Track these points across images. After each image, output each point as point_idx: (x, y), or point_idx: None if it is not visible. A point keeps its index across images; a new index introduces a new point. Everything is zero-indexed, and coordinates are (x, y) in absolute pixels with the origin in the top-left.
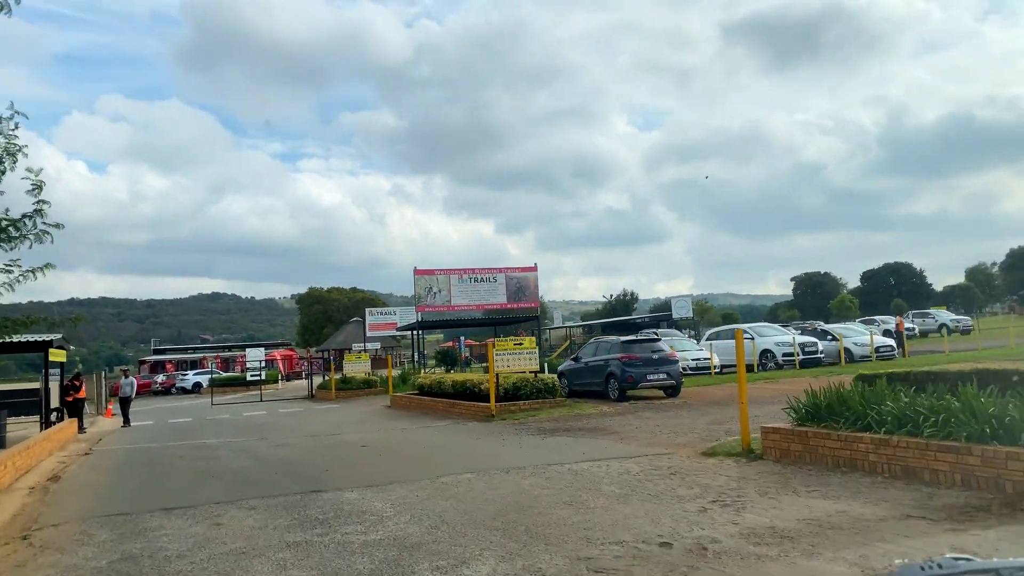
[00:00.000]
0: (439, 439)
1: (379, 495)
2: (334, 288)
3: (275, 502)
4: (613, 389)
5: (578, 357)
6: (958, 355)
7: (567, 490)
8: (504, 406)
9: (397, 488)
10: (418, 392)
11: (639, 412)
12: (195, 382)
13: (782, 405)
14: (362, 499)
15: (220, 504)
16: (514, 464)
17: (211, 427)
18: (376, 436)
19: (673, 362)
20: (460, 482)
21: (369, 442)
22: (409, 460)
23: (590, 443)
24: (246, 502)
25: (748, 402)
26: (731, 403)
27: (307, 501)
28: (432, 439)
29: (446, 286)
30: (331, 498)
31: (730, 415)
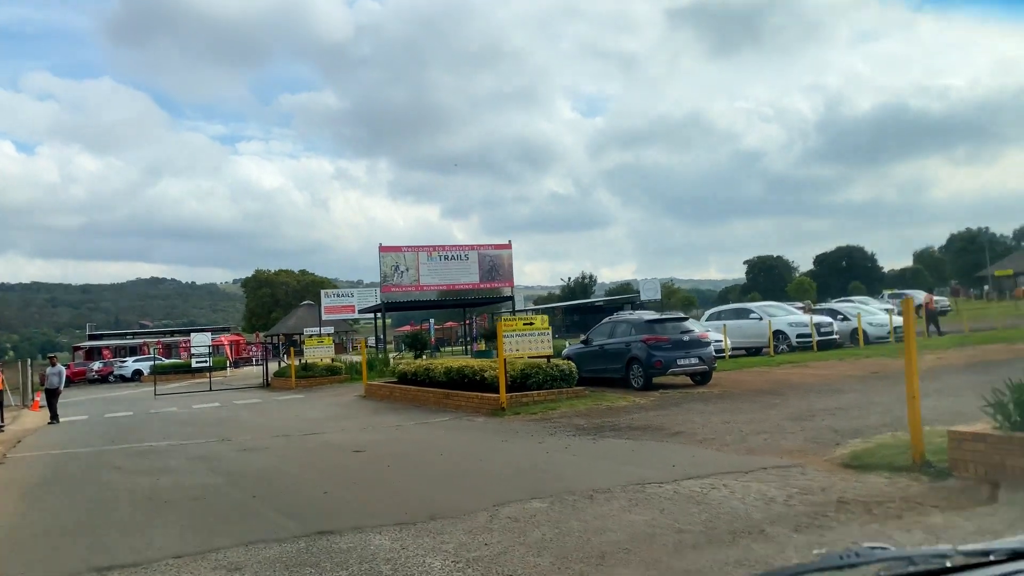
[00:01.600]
0: (453, 441)
1: (424, 540)
2: (282, 270)
3: (269, 554)
4: (636, 376)
5: (588, 339)
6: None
7: (712, 532)
8: (515, 397)
9: (447, 528)
10: (398, 380)
11: (683, 404)
12: (135, 369)
13: (843, 396)
14: (402, 548)
15: (184, 560)
16: (589, 484)
17: (157, 424)
18: (368, 437)
19: (705, 344)
20: (535, 516)
21: (363, 445)
22: (436, 476)
23: (665, 449)
24: (223, 555)
25: (787, 391)
26: (779, 391)
27: (317, 552)
28: (443, 441)
29: (414, 264)
30: (352, 546)
31: (803, 408)
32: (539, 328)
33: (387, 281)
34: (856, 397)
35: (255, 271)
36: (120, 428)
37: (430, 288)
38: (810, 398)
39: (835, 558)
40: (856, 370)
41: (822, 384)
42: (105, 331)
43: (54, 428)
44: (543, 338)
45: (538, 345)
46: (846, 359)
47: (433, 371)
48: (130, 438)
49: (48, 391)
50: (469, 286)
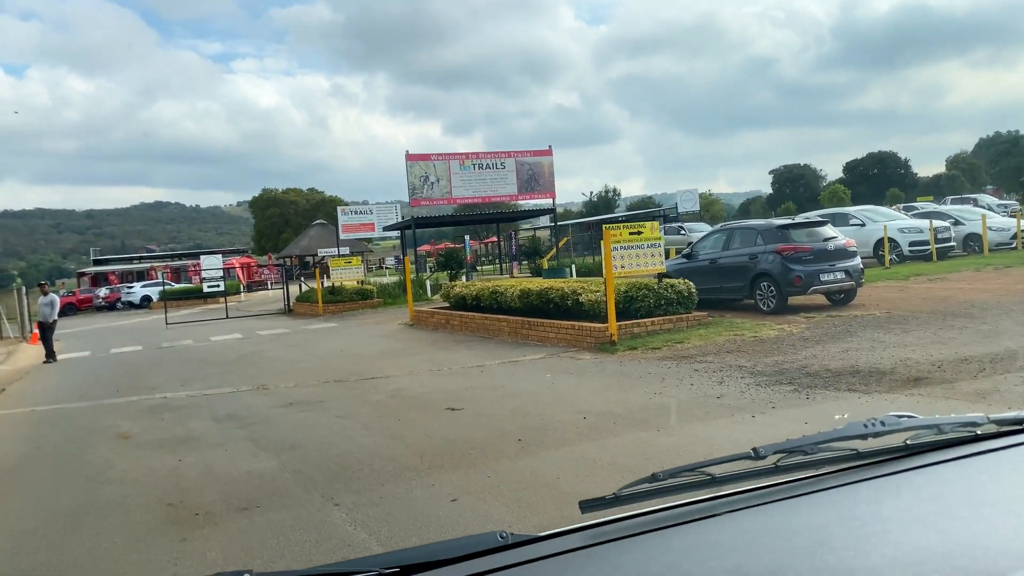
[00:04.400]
0: (579, 393)
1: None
2: (291, 189)
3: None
4: (766, 297)
5: (692, 252)
6: None
7: None
8: (623, 327)
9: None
10: (453, 306)
11: (852, 331)
12: (143, 295)
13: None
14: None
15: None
16: None
17: (171, 362)
18: (449, 383)
19: (851, 255)
20: None
21: (452, 397)
22: (628, 467)
23: (944, 406)
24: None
25: (968, 312)
26: (957, 312)
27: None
28: (566, 392)
29: (445, 174)
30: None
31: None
32: (648, 238)
33: (416, 194)
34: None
35: (262, 190)
36: (127, 369)
37: (463, 201)
38: (1013, 320)
39: (859, 427)
40: (1021, 283)
41: (1003, 302)
42: (112, 255)
43: (49, 369)
44: (654, 251)
45: (648, 260)
46: (986, 269)
47: (503, 295)
48: (139, 385)
49: (41, 325)
50: (506, 198)
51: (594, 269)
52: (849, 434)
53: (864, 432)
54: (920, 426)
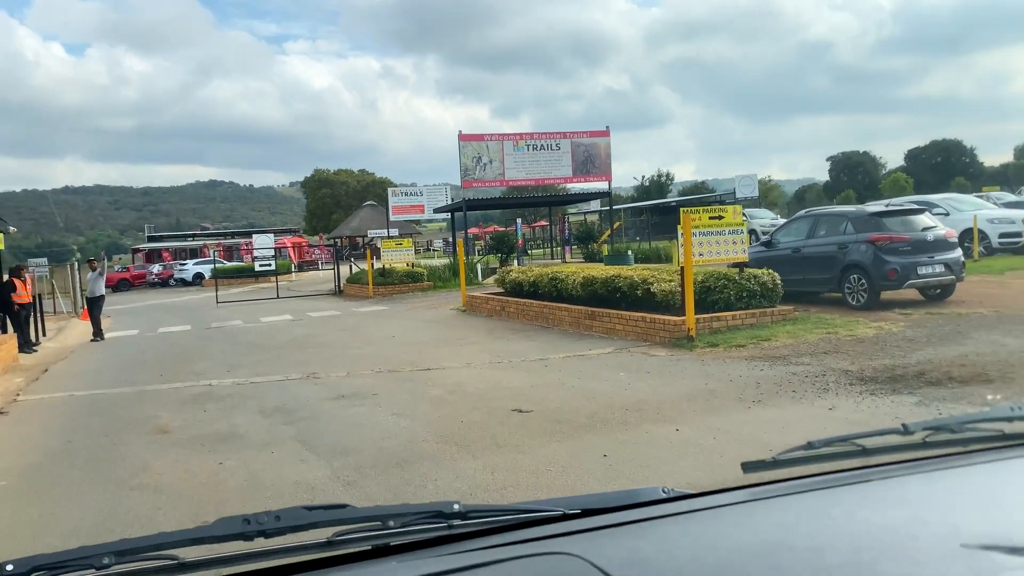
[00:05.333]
0: (661, 396)
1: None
2: (342, 170)
3: None
4: (857, 290)
5: (772, 240)
6: None
7: None
8: (701, 321)
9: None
10: (508, 292)
11: (960, 331)
12: (196, 272)
13: None
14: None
15: None
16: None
17: (219, 344)
18: (512, 378)
19: (952, 246)
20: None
21: (518, 395)
22: None
23: None
24: None
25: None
26: None
27: None
28: (646, 395)
29: (498, 155)
30: None
31: None
32: (730, 223)
33: (468, 175)
34: None
35: (314, 171)
36: (174, 351)
37: (516, 183)
38: None
39: (1006, 409)
40: None
41: None
42: (165, 232)
43: (95, 348)
44: (736, 238)
45: (729, 248)
46: None
47: (564, 282)
48: (183, 370)
49: (89, 300)
50: (561, 180)
51: (651, 255)
52: (996, 416)
53: (1011, 415)
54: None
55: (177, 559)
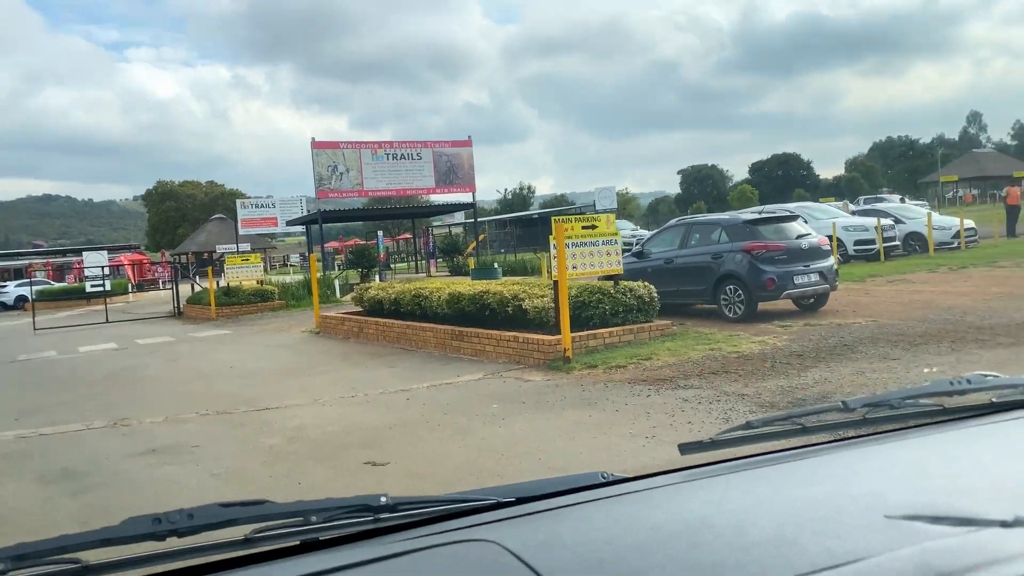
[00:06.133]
0: (549, 434)
1: None
2: (188, 182)
3: None
4: (734, 302)
5: (644, 251)
6: None
7: None
8: (577, 340)
9: None
10: (368, 311)
11: (856, 346)
12: (18, 296)
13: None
14: None
15: None
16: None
17: (18, 382)
18: (367, 416)
19: (826, 254)
20: None
21: (372, 438)
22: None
23: None
24: None
25: (968, 320)
26: (958, 321)
27: None
28: (529, 431)
29: (355, 164)
30: None
31: None
32: (604, 233)
33: (323, 185)
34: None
35: (157, 183)
36: None
37: (375, 194)
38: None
39: (945, 384)
40: (994, 285)
41: (993, 308)
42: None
43: None
44: (610, 248)
45: (603, 259)
46: (940, 270)
47: (429, 299)
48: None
49: None
50: (424, 191)
51: (517, 268)
52: (936, 390)
53: (950, 389)
54: (1007, 385)
55: (80, 562)
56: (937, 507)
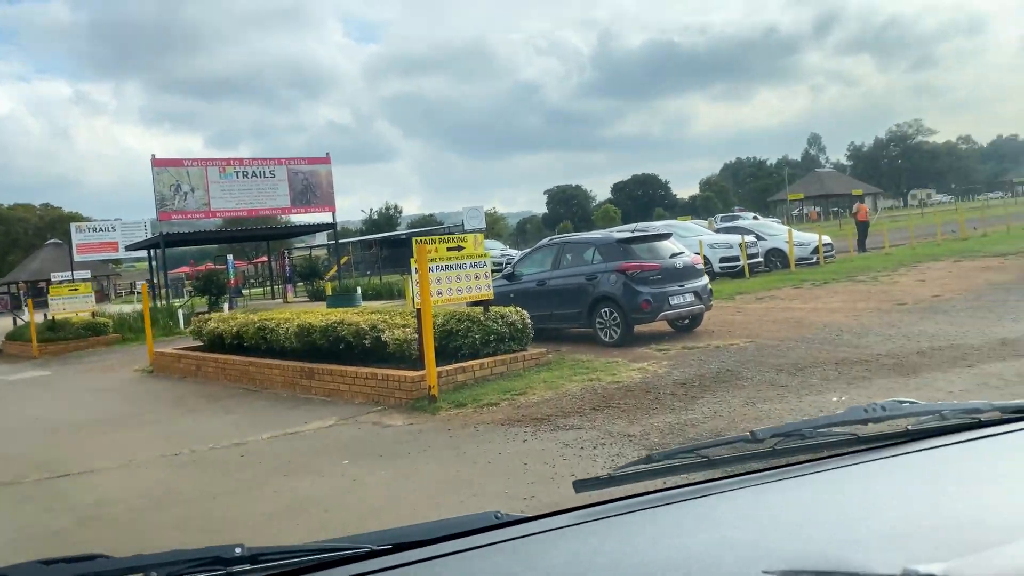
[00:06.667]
0: (410, 498)
1: None
2: (19, 204)
3: None
4: (610, 325)
5: (515, 273)
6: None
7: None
8: (444, 374)
9: None
10: (209, 347)
11: (740, 371)
12: None
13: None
14: None
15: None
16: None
17: None
18: (188, 485)
19: (700, 273)
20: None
21: (196, 520)
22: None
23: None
24: None
25: (850, 340)
26: (819, 338)
27: None
28: (386, 497)
29: (201, 183)
30: None
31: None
32: (472, 255)
33: (166, 206)
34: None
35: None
36: None
37: (226, 214)
38: (902, 348)
39: (860, 411)
40: (860, 300)
41: (868, 325)
42: None
43: None
44: (479, 271)
45: (472, 283)
46: (804, 285)
47: (275, 332)
48: None
49: None
50: (279, 210)
51: (383, 291)
52: (849, 419)
53: (865, 417)
54: (923, 412)
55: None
56: (823, 560)
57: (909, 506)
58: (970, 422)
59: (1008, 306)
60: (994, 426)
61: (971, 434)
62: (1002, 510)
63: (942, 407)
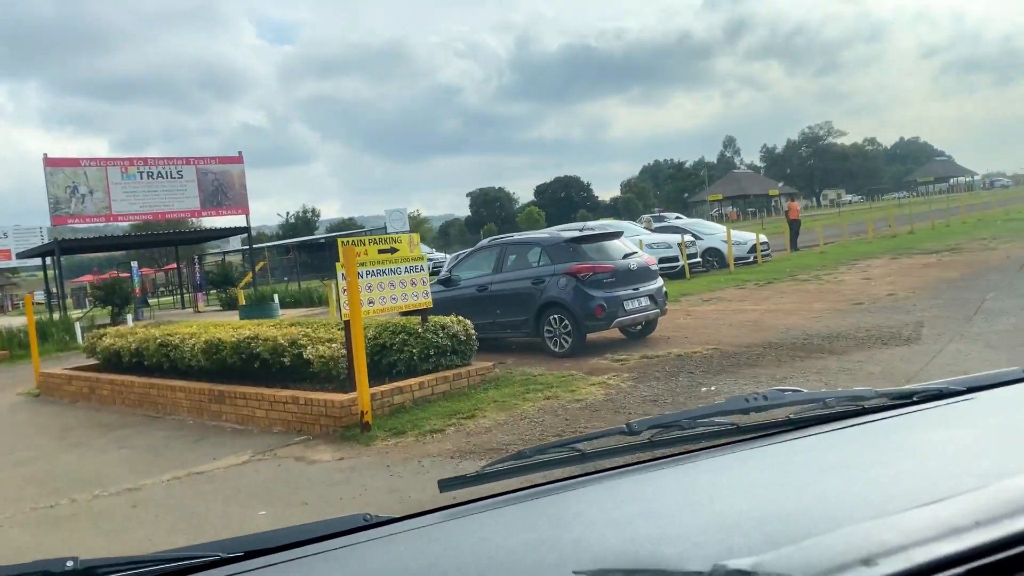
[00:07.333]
0: None
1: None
2: None
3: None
4: (560, 334)
5: (452, 278)
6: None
7: None
8: (379, 396)
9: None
10: (105, 365)
11: (709, 382)
12: None
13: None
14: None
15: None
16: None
17: None
18: (61, 544)
19: (654, 275)
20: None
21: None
22: None
23: None
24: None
25: (815, 346)
26: (781, 342)
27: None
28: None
29: (100, 184)
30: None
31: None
32: (407, 258)
33: (61, 210)
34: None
35: None
36: None
37: (129, 218)
38: (873, 351)
39: (741, 401)
40: (813, 300)
41: (831, 327)
42: None
43: None
44: (416, 277)
45: (408, 290)
46: (747, 285)
47: (180, 349)
48: None
49: None
50: (188, 213)
51: (302, 298)
52: (730, 408)
53: (746, 407)
54: (805, 400)
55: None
56: (636, 558)
57: (760, 496)
58: (854, 409)
59: (971, 304)
60: (877, 412)
61: (853, 421)
62: (854, 495)
63: (826, 395)
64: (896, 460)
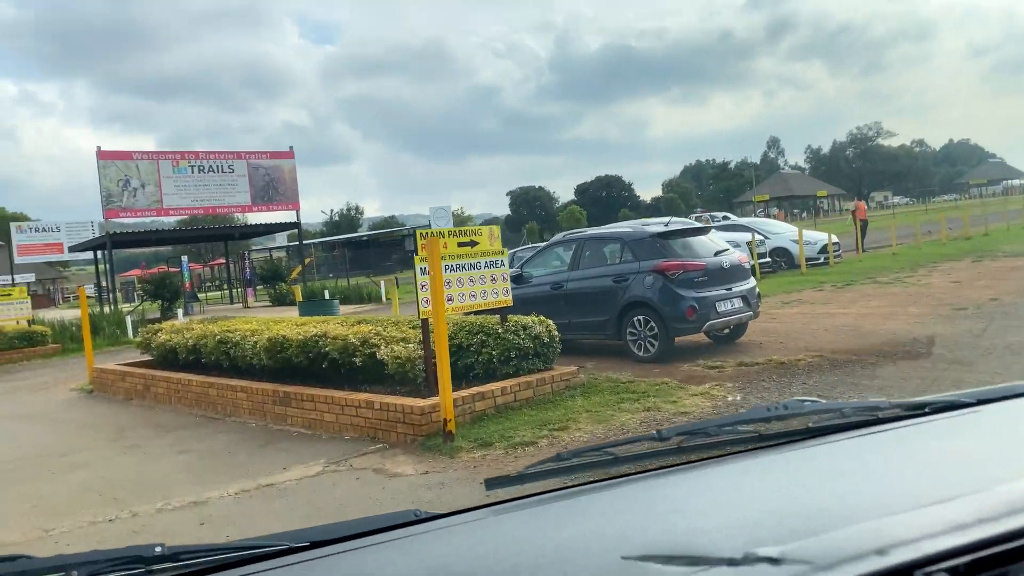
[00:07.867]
0: None
1: None
2: None
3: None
4: (644, 336)
5: (524, 274)
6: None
7: None
8: (460, 401)
9: None
10: (160, 362)
11: (826, 393)
12: None
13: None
14: None
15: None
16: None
17: None
18: None
19: (747, 274)
20: None
21: None
22: None
23: None
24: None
25: (913, 349)
26: (888, 350)
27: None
28: None
29: (152, 178)
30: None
31: None
32: (488, 251)
33: (113, 203)
34: None
35: None
36: None
37: (181, 212)
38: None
39: (762, 411)
40: (908, 304)
41: (938, 333)
42: None
43: None
44: (496, 273)
45: (489, 287)
46: (825, 287)
47: (240, 347)
48: None
49: None
50: (239, 208)
51: (352, 295)
52: (752, 417)
53: (767, 415)
54: (823, 410)
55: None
56: (675, 546)
57: (782, 496)
58: (869, 419)
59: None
60: (890, 422)
61: (868, 429)
62: (868, 496)
63: (842, 405)
64: (907, 466)
